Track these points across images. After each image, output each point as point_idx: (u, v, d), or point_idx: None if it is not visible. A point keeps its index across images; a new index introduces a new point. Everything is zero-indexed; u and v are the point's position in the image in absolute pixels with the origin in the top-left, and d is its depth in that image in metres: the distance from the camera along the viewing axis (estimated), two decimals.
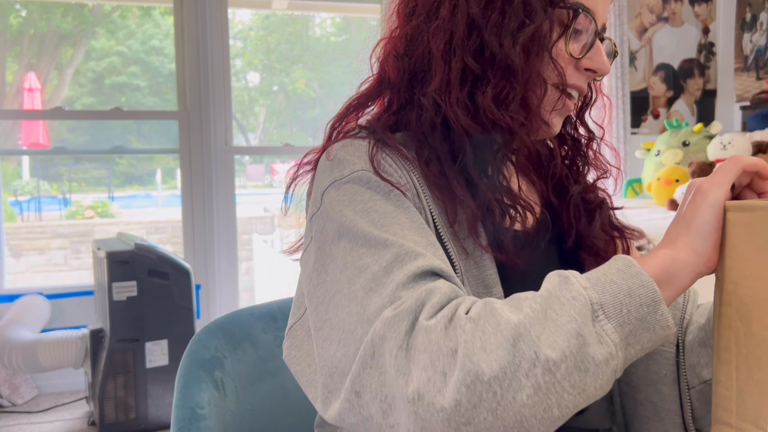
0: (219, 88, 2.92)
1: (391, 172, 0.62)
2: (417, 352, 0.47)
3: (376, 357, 0.49)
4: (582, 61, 0.66)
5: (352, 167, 0.62)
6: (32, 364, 2.37)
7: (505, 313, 0.48)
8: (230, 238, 2.99)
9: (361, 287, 0.54)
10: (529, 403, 0.45)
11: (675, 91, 3.59)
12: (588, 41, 0.66)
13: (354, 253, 0.56)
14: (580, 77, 0.68)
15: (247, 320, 0.91)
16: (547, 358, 0.45)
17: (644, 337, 0.49)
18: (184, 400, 0.79)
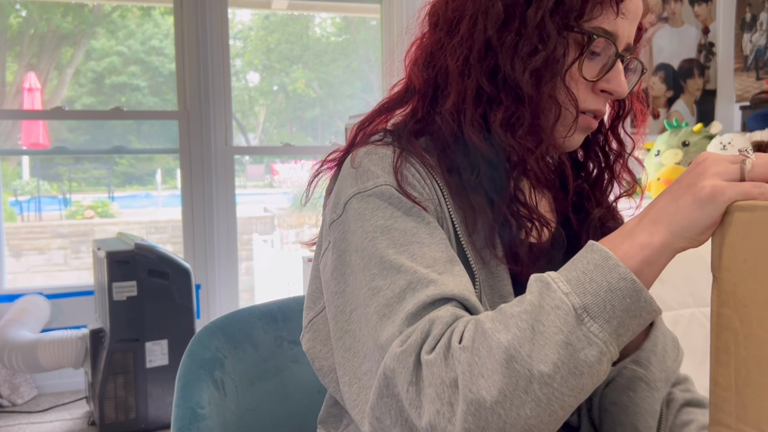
0: (219, 88, 2.92)
1: (415, 184, 0.63)
2: (425, 386, 0.51)
3: (390, 388, 0.52)
4: (598, 83, 0.66)
5: (376, 180, 0.63)
6: (32, 364, 2.37)
7: (495, 336, 0.50)
8: (230, 238, 2.99)
9: (375, 311, 0.56)
10: (533, 415, 0.48)
11: (675, 91, 3.59)
12: (606, 63, 0.66)
13: (369, 273, 0.59)
14: (597, 100, 0.67)
15: (247, 320, 0.91)
16: (541, 373, 0.48)
17: (632, 323, 0.50)
18: (184, 400, 0.79)
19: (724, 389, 0.53)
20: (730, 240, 0.52)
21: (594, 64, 0.66)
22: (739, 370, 0.51)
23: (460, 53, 0.65)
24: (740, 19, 3.62)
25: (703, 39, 3.63)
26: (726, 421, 0.53)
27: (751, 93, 3.51)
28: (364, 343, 0.57)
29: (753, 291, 0.50)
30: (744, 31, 3.62)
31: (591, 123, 0.68)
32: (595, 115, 0.68)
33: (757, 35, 3.56)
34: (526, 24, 0.63)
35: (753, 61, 3.57)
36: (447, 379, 0.50)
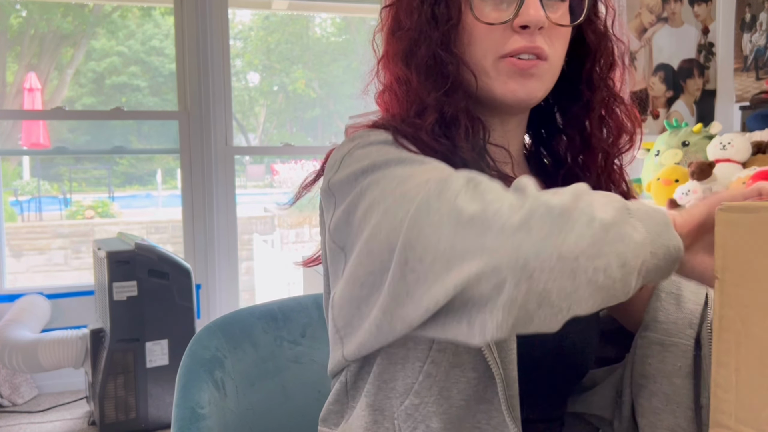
0: (219, 88, 2.92)
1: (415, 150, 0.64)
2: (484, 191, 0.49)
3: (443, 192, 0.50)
4: (514, 21, 0.66)
5: (377, 137, 0.64)
6: (32, 363, 2.37)
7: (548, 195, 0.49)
8: (230, 238, 2.99)
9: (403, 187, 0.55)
10: (586, 247, 0.46)
11: (674, 91, 3.59)
12: (518, 1, 0.66)
13: (390, 189, 0.56)
14: (520, 38, 0.66)
15: (247, 320, 0.91)
16: (602, 219, 0.47)
17: (660, 251, 0.50)
18: (184, 399, 0.79)
19: (724, 390, 0.53)
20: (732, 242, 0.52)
21: (502, 7, 0.66)
22: (739, 371, 0.52)
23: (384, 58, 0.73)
24: (740, 19, 3.62)
25: (702, 39, 3.64)
26: (726, 423, 0.53)
27: (750, 93, 3.52)
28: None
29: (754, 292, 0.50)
30: (744, 31, 3.63)
31: (517, 64, 0.67)
32: (529, 50, 0.67)
33: (757, 35, 3.56)
34: (400, 11, 0.70)
35: (753, 62, 3.58)
36: (515, 193, 0.49)
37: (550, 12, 0.67)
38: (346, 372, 0.70)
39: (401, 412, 0.63)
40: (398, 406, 0.64)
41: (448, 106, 0.66)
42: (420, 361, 0.63)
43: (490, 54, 0.67)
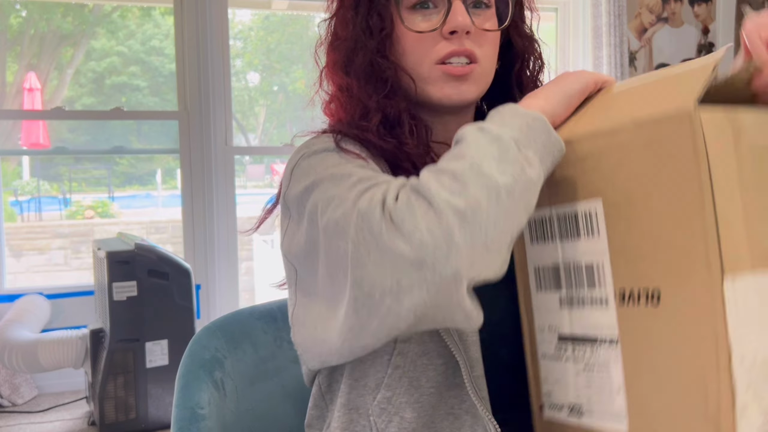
0: (219, 88, 2.92)
1: (359, 153, 0.68)
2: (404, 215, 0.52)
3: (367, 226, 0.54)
4: (443, 28, 0.70)
5: (321, 144, 0.68)
6: (32, 364, 2.37)
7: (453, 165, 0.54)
8: (230, 238, 2.99)
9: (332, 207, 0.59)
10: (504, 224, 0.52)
11: None
12: (446, 9, 0.70)
13: (324, 190, 0.61)
14: (450, 44, 0.70)
15: (247, 320, 0.91)
16: (506, 183, 0.52)
17: (548, 160, 0.57)
18: (184, 400, 0.79)
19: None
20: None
21: (431, 17, 0.71)
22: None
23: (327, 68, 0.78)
24: (740, 19, 3.62)
25: (702, 39, 3.64)
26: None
27: None
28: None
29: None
30: None
31: (450, 70, 0.71)
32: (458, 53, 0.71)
33: None
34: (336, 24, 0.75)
35: None
36: (421, 210, 0.51)
37: (476, 19, 0.71)
38: (320, 376, 0.73)
39: (375, 408, 0.65)
40: (371, 402, 0.65)
41: (390, 107, 0.71)
42: (387, 354, 0.65)
43: (425, 61, 0.71)
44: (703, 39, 3.64)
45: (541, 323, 0.65)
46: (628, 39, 3.42)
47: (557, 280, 0.62)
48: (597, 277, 0.58)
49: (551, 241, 0.62)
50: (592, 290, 0.58)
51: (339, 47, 0.74)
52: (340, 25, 0.74)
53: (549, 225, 0.62)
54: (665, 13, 3.54)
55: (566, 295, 0.61)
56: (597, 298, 0.58)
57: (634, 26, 3.49)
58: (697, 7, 3.60)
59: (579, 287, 0.60)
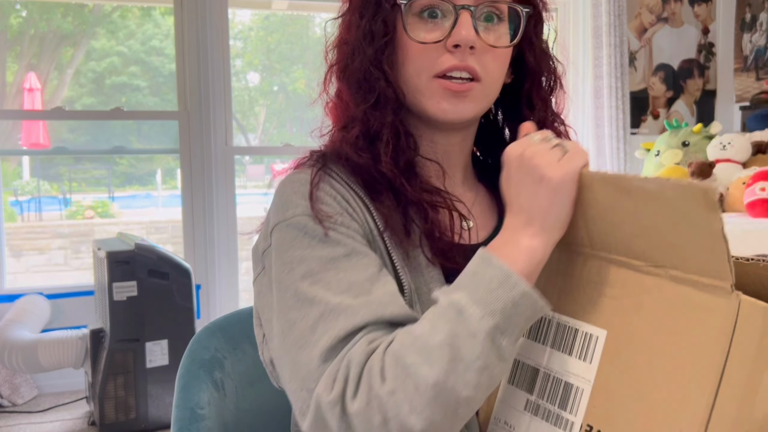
0: (219, 88, 2.92)
1: (331, 203, 0.65)
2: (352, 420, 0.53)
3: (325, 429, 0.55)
4: (447, 41, 0.67)
5: (294, 210, 0.65)
6: (32, 364, 2.37)
7: (419, 372, 0.52)
8: (230, 238, 2.99)
9: (292, 343, 0.59)
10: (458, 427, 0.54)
11: (675, 91, 3.59)
12: (452, 21, 0.67)
13: (286, 305, 0.61)
14: (452, 58, 0.67)
15: (247, 320, 0.91)
16: (466, 398, 0.52)
17: (527, 326, 0.56)
18: (184, 400, 0.79)
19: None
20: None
21: (438, 27, 0.67)
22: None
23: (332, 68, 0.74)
24: (740, 19, 3.62)
25: (702, 39, 3.63)
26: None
27: (750, 93, 3.52)
28: (288, 371, 0.59)
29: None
30: (744, 32, 3.63)
31: (449, 85, 0.68)
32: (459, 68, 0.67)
33: (757, 35, 3.56)
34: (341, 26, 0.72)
35: (753, 62, 3.58)
36: (377, 423, 0.52)
37: (484, 34, 0.68)
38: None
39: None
40: None
41: (373, 119, 0.69)
42: None
43: (424, 73, 0.68)
44: (703, 39, 3.64)
45: (498, 415, 0.62)
46: (628, 39, 3.42)
47: (532, 384, 0.60)
48: (572, 401, 0.56)
49: (542, 344, 0.60)
50: (561, 411, 0.56)
51: (341, 50, 0.72)
52: (344, 27, 0.72)
53: (546, 328, 0.60)
54: (665, 13, 3.54)
55: (535, 401, 0.59)
56: (563, 422, 0.56)
57: (634, 26, 3.49)
58: (697, 7, 3.60)
59: (550, 401, 0.57)
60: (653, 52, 3.54)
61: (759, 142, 2.73)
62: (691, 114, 3.62)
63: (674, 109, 3.59)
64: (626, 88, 3.29)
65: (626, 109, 3.29)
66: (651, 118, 3.55)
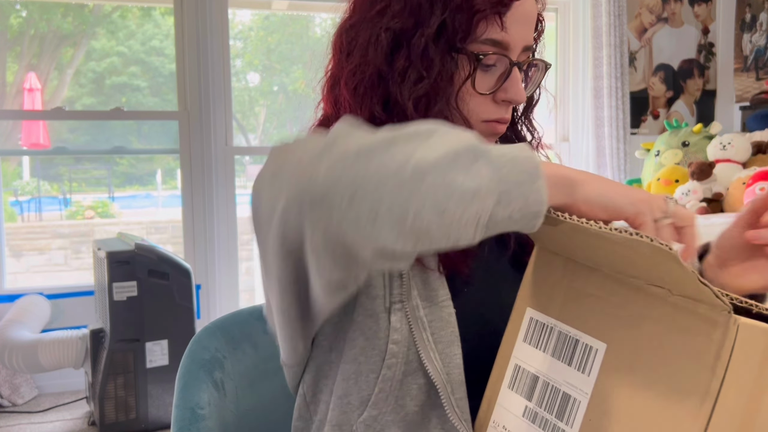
0: (219, 88, 2.92)
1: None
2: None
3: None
4: (498, 93, 0.68)
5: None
6: (32, 364, 2.37)
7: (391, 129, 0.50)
8: (230, 238, 2.99)
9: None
10: (391, 195, 0.45)
11: (675, 91, 3.59)
12: (503, 74, 0.68)
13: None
14: (498, 109, 0.69)
15: (247, 321, 0.91)
16: (419, 160, 0.46)
17: (516, 203, 0.48)
18: (184, 400, 0.79)
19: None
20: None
21: (489, 76, 0.68)
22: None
23: (353, 82, 0.68)
24: (740, 19, 3.62)
25: (702, 39, 3.63)
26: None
27: (750, 93, 3.52)
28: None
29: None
30: (744, 32, 3.63)
31: (495, 128, 0.70)
32: (500, 122, 0.70)
33: (757, 35, 3.56)
34: (411, 52, 0.66)
35: (753, 62, 3.58)
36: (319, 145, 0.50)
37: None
38: (303, 385, 0.72)
39: (360, 425, 0.65)
40: (356, 419, 0.65)
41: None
42: (374, 373, 0.64)
43: (473, 116, 0.69)
44: (703, 39, 3.64)
45: (497, 419, 0.62)
46: (628, 39, 3.42)
47: (531, 390, 0.59)
48: (569, 412, 0.55)
49: (543, 351, 0.59)
50: (558, 421, 0.56)
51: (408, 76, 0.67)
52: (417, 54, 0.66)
53: (547, 334, 0.59)
54: (665, 13, 3.54)
55: (533, 408, 0.58)
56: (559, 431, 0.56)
57: (634, 26, 3.49)
58: (697, 7, 3.60)
59: (548, 410, 0.57)
60: (653, 52, 3.53)
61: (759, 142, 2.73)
62: (691, 114, 3.62)
63: (674, 109, 3.59)
64: (626, 88, 3.29)
65: (626, 109, 3.29)
66: (651, 118, 3.55)
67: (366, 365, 0.64)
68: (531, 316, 0.61)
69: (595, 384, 0.53)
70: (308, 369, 0.71)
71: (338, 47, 0.72)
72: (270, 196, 0.53)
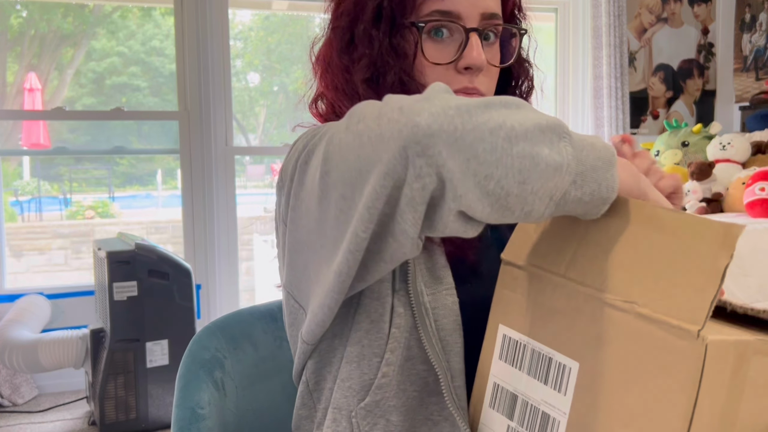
0: (219, 88, 2.92)
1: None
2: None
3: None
4: (458, 63, 0.69)
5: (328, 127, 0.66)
6: (33, 364, 2.37)
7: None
8: (230, 238, 2.99)
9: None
10: (481, 158, 0.46)
11: (674, 91, 3.59)
12: (461, 43, 0.69)
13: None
14: (462, 78, 0.70)
15: (247, 320, 0.91)
16: (512, 126, 0.46)
17: (589, 186, 0.50)
18: (184, 400, 0.79)
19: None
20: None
21: (445, 47, 0.69)
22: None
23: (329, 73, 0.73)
24: (740, 19, 3.62)
25: (702, 39, 3.63)
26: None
27: (750, 93, 3.52)
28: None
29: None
30: (743, 32, 3.63)
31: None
32: (469, 92, 0.70)
33: (757, 36, 3.56)
34: (358, 41, 0.70)
35: (752, 62, 3.58)
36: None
37: (485, 53, 0.71)
38: (306, 372, 0.72)
39: (360, 410, 0.65)
40: (356, 405, 0.65)
41: None
42: (378, 357, 0.64)
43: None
44: (703, 39, 3.64)
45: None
46: (628, 39, 3.42)
47: (512, 410, 0.59)
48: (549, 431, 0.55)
49: (518, 369, 0.58)
50: None
51: (360, 61, 0.71)
52: (361, 40, 0.70)
53: (521, 353, 0.58)
54: (665, 13, 3.54)
55: (516, 428, 0.58)
56: None
57: (634, 26, 3.49)
58: (697, 7, 3.60)
59: (529, 430, 0.56)
60: (653, 53, 3.54)
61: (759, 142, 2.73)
62: (690, 114, 3.62)
63: (674, 109, 3.59)
64: (626, 88, 3.29)
65: (626, 109, 3.29)
66: (651, 118, 3.55)
67: (369, 348, 0.65)
68: (504, 333, 0.60)
69: (572, 403, 0.52)
70: (312, 356, 0.71)
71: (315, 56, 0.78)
72: (362, 154, 0.50)
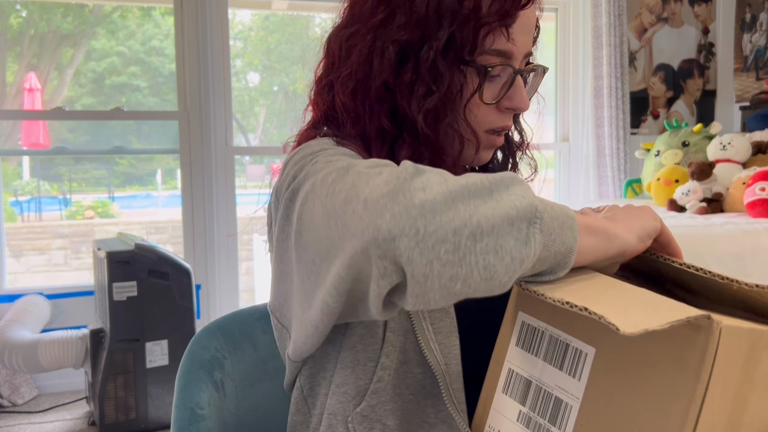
0: (219, 88, 2.92)
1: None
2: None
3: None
4: (502, 102, 0.70)
5: (321, 145, 0.65)
6: (32, 364, 2.37)
7: (454, 177, 0.50)
8: (230, 238, 2.99)
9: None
10: (444, 259, 0.46)
11: (675, 91, 3.59)
12: (506, 82, 0.69)
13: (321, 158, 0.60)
14: (502, 117, 0.71)
15: (247, 321, 0.91)
16: (478, 222, 0.47)
17: (548, 262, 0.52)
18: (184, 400, 0.79)
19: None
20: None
21: (494, 86, 0.69)
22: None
23: (350, 87, 0.68)
24: (740, 19, 3.62)
25: (702, 39, 3.63)
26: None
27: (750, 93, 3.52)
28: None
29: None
30: (744, 32, 3.63)
31: (496, 141, 0.72)
32: (503, 130, 0.72)
33: (757, 35, 3.56)
34: (419, 65, 0.66)
35: (753, 62, 3.58)
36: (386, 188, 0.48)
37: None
38: (300, 378, 0.72)
39: (356, 415, 0.64)
40: (352, 410, 0.65)
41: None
42: (372, 362, 0.64)
43: (480, 126, 0.71)
44: (703, 39, 3.64)
45: (493, 423, 0.62)
46: (628, 39, 3.42)
47: (525, 395, 0.59)
48: (561, 416, 0.55)
49: (535, 355, 0.59)
50: (551, 426, 0.56)
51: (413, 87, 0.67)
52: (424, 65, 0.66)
53: (538, 340, 0.59)
54: (665, 13, 3.54)
55: (527, 413, 0.59)
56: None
57: (634, 26, 3.49)
58: (697, 7, 3.60)
59: (541, 415, 0.57)
60: (653, 52, 3.54)
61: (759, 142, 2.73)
62: (691, 114, 3.62)
63: (674, 109, 3.59)
64: (626, 88, 3.29)
65: (626, 109, 3.29)
66: (651, 118, 3.55)
67: (364, 353, 0.64)
68: (523, 320, 0.61)
69: (586, 389, 0.53)
70: (306, 362, 0.71)
71: (334, 53, 0.72)
72: (329, 235, 0.50)
